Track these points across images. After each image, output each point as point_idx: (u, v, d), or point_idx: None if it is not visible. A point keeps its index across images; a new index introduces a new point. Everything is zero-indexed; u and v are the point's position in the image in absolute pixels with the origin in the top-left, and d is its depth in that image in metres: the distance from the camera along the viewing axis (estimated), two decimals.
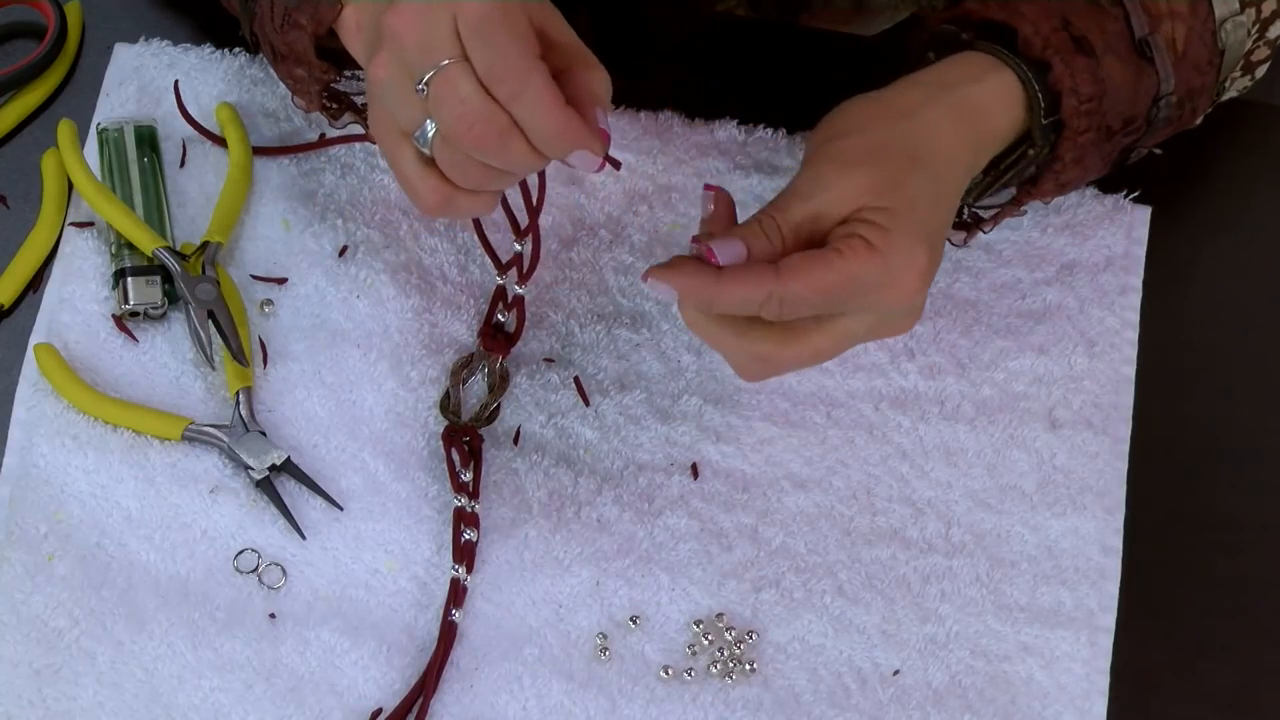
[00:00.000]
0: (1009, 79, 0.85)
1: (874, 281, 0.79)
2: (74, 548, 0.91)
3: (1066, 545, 0.93)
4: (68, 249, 0.98)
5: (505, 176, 0.80)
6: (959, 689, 0.90)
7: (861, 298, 0.79)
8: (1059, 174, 0.88)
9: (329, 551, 0.92)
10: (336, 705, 0.88)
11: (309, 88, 0.91)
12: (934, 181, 0.82)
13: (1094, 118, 0.86)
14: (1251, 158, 1.05)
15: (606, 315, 0.98)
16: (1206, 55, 0.90)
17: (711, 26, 1.06)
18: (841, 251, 0.78)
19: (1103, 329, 0.98)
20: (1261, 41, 0.93)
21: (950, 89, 0.84)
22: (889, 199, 0.79)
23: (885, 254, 0.78)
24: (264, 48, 0.92)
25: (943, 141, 0.83)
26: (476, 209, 0.83)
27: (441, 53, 0.76)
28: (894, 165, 0.80)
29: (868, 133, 0.82)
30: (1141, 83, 0.88)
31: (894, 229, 0.79)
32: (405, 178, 0.82)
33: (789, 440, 0.95)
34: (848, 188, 0.80)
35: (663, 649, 0.90)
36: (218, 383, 0.95)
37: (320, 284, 0.98)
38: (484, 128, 0.76)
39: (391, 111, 0.80)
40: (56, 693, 0.87)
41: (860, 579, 0.92)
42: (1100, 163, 0.90)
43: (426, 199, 0.81)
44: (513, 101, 0.76)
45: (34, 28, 1.04)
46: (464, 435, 0.94)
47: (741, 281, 0.78)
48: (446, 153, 0.79)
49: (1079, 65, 0.85)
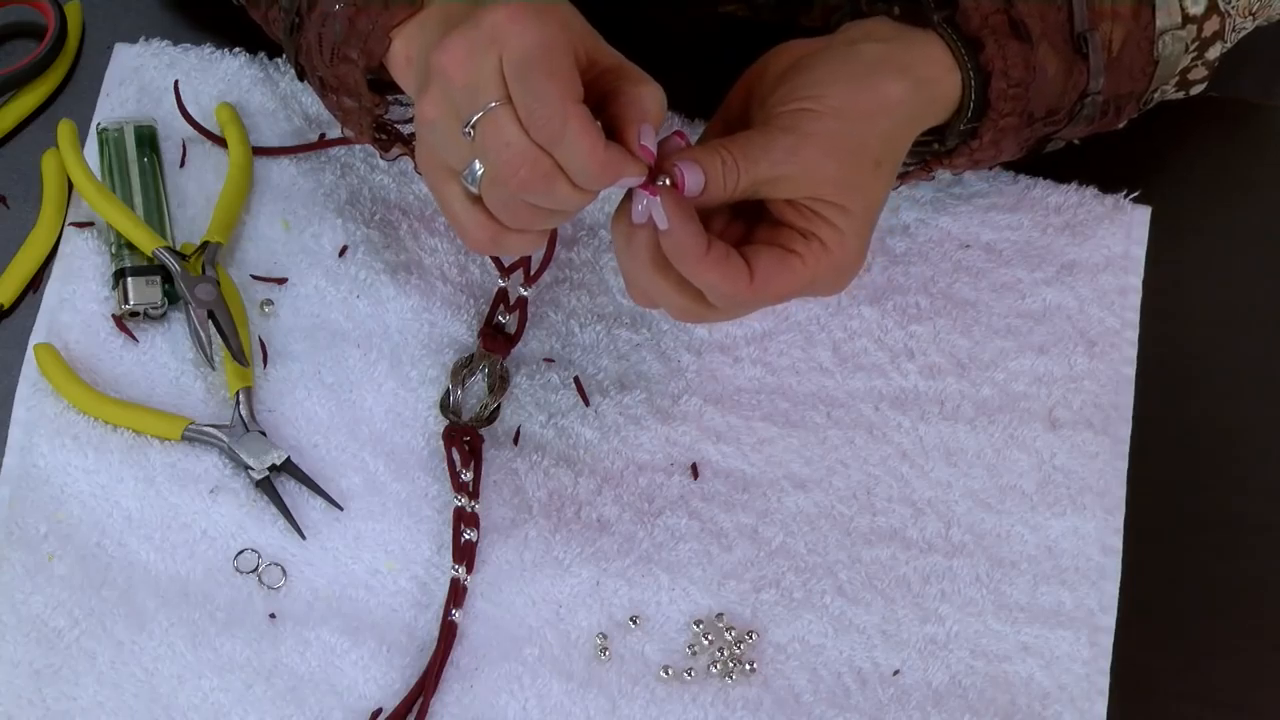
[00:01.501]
0: (944, 53, 0.86)
1: (826, 281, 0.83)
2: (74, 548, 0.91)
3: (1066, 545, 0.93)
4: (68, 249, 0.98)
5: (553, 216, 0.81)
6: (959, 689, 0.90)
7: (807, 292, 0.83)
8: (974, 152, 0.89)
9: (329, 551, 0.92)
10: (336, 705, 0.88)
11: (359, 119, 0.90)
12: (887, 183, 0.85)
13: (1019, 103, 0.87)
14: (1251, 158, 1.05)
15: (606, 315, 0.98)
16: (1141, 62, 0.90)
17: (711, 27, 1.06)
18: (803, 257, 0.81)
19: (1103, 329, 0.98)
20: (1200, 61, 0.93)
21: (930, 84, 0.85)
22: (848, 199, 0.82)
23: (839, 255, 0.82)
24: (311, 79, 0.92)
25: (904, 141, 0.85)
26: (525, 247, 0.83)
27: (488, 95, 0.76)
28: (861, 168, 0.82)
29: (851, 125, 0.82)
30: (1071, 77, 0.88)
31: (848, 231, 0.82)
32: (453, 215, 0.82)
33: (789, 440, 0.95)
34: (819, 175, 0.81)
35: (663, 649, 0.90)
36: (218, 383, 0.95)
37: (320, 284, 0.98)
38: (529, 171, 0.76)
39: (440, 151, 0.80)
40: (56, 693, 0.87)
41: (860, 579, 0.92)
42: (1016, 147, 0.91)
43: (475, 235, 0.82)
44: (553, 145, 0.76)
45: (34, 28, 1.04)
46: (464, 435, 0.94)
47: (720, 270, 0.80)
48: (495, 193, 0.79)
49: (1012, 49, 0.86)
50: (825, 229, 0.81)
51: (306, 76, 0.92)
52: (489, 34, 0.76)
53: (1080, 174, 1.01)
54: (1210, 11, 0.91)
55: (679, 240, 0.79)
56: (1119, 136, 0.98)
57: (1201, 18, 0.91)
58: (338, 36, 0.87)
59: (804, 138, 0.81)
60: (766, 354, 0.97)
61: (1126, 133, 0.97)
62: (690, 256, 0.79)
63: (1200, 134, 0.98)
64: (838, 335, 0.98)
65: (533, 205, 0.79)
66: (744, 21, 1.07)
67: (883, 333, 0.98)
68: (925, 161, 0.91)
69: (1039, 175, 1.01)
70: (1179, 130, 1.02)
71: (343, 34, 0.87)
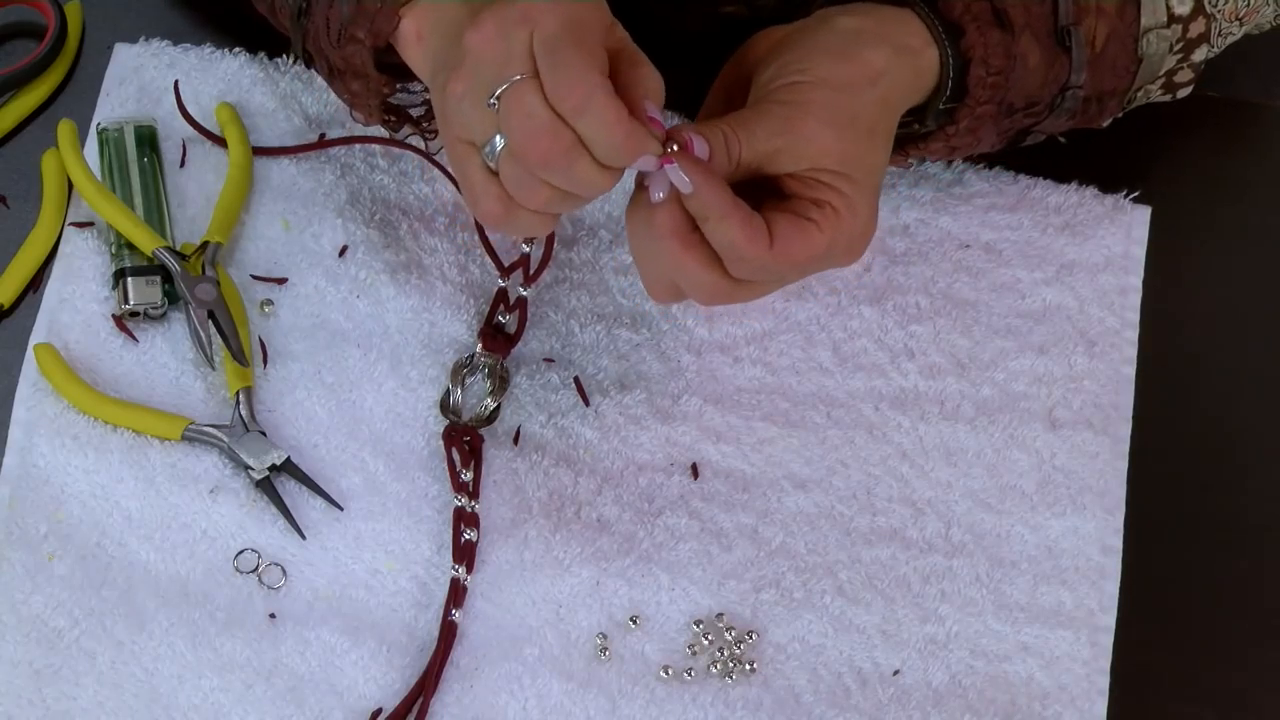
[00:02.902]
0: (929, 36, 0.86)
1: (841, 247, 0.82)
2: (74, 548, 0.91)
3: (1066, 545, 0.93)
4: (68, 249, 0.98)
5: (568, 199, 0.80)
6: (959, 689, 0.90)
7: (826, 261, 0.83)
8: (950, 138, 0.89)
9: (329, 551, 0.92)
10: (336, 705, 0.88)
11: (367, 101, 0.91)
12: (884, 150, 0.85)
13: (997, 91, 0.87)
14: (1251, 158, 1.05)
15: (606, 315, 0.98)
16: (1125, 60, 0.90)
17: (711, 26, 1.06)
18: (819, 223, 0.81)
19: (1103, 329, 0.98)
20: (1186, 63, 0.93)
21: (912, 54, 0.85)
22: (850, 167, 0.82)
23: (851, 222, 0.82)
24: (319, 63, 0.92)
25: (895, 109, 0.86)
26: (535, 228, 0.83)
27: (515, 68, 0.77)
28: (858, 137, 0.83)
29: (841, 94, 0.83)
30: (1052, 70, 0.88)
31: (856, 198, 0.82)
32: (470, 184, 0.82)
33: (789, 440, 0.95)
34: (819, 146, 0.81)
35: (663, 649, 0.90)
36: (218, 383, 0.95)
37: (320, 284, 0.98)
38: (551, 143, 0.77)
39: (464, 124, 0.80)
40: (56, 693, 0.87)
41: (860, 579, 0.92)
42: (995, 137, 0.91)
43: (488, 207, 0.81)
44: (577, 117, 0.76)
45: (34, 28, 1.04)
46: (464, 435, 0.94)
47: (745, 229, 0.80)
48: (511, 169, 0.79)
49: (993, 38, 0.86)
50: (835, 196, 0.81)
51: (314, 63, 0.92)
52: (522, 12, 0.77)
53: (1080, 174, 1.01)
54: (1196, 13, 0.91)
55: (704, 197, 0.79)
56: (1119, 136, 0.98)
57: (1187, 18, 0.90)
58: (345, 17, 0.87)
59: (798, 108, 0.82)
60: (766, 354, 0.97)
61: (1126, 133, 0.98)
62: (717, 209, 0.79)
63: (1200, 134, 0.98)
64: (838, 335, 0.98)
65: (548, 185, 0.79)
66: (745, 21, 1.07)
67: (883, 333, 0.98)
68: (903, 148, 0.91)
69: (1039, 175, 1.01)
70: (1179, 130, 1.02)
71: (350, 14, 0.87)
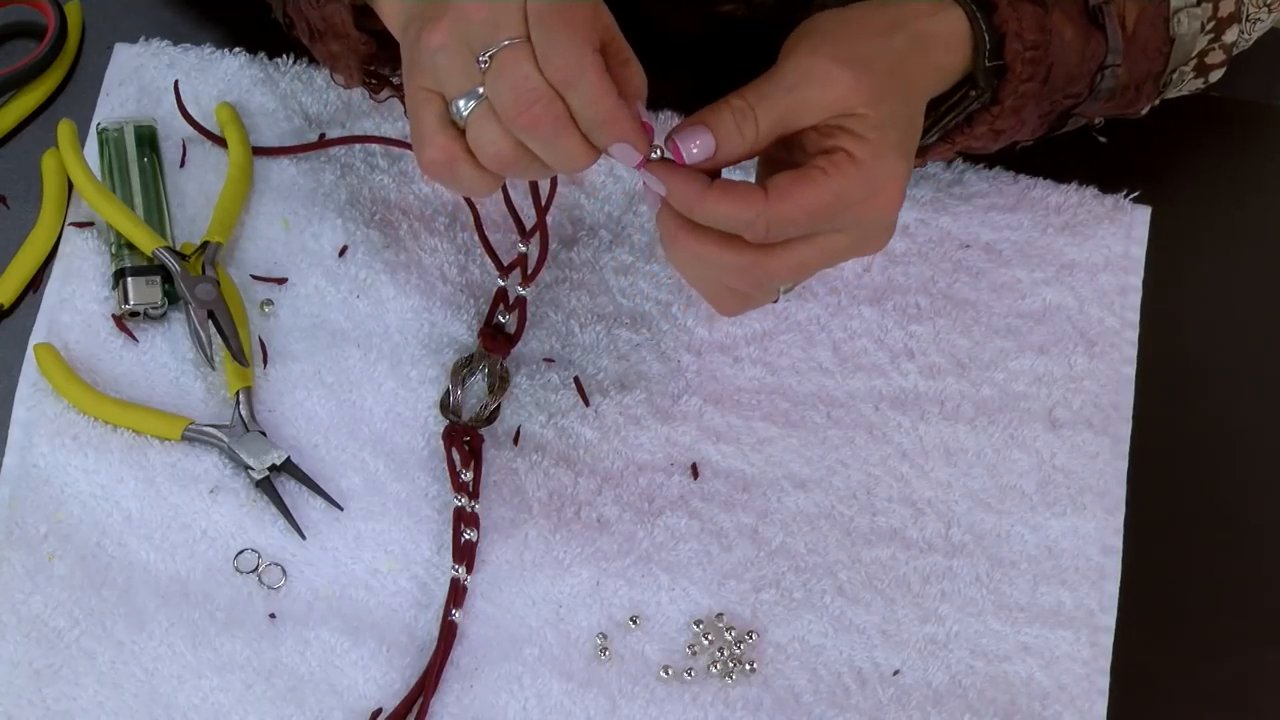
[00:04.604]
0: (957, 14, 0.85)
1: (859, 195, 0.79)
2: (74, 548, 0.91)
3: (1066, 545, 0.93)
4: (68, 249, 0.98)
5: (532, 166, 0.79)
6: (959, 689, 0.90)
7: (846, 213, 0.79)
8: (995, 119, 0.87)
9: (329, 551, 0.92)
10: (336, 705, 0.88)
11: (347, 62, 0.91)
12: (906, 103, 0.82)
13: (1037, 66, 0.86)
14: (1251, 158, 1.05)
15: (606, 315, 0.98)
16: (1156, 41, 0.90)
17: (711, 26, 1.06)
18: (826, 170, 0.78)
19: (1103, 329, 0.98)
20: (1217, 44, 0.92)
21: (907, 22, 0.84)
22: (871, 109, 0.79)
23: (869, 165, 0.79)
24: (299, 26, 0.92)
25: (911, 65, 0.83)
26: (475, 186, 0.81)
27: (507, 31, 0.77)
28: (877, 77, 0.80)
29: (854, 41, 0.81)
30: (1088, 46, 0.88)
31: (876, 140, 0.79)
32: (420, 130, 0.81)
33: (789, 440, 0.95)
34: (836, 87, 0.79)
35: (663, 649, 0.90)
36: (218, 383, 0.95)
37: (320, 284, 0.98)
38: (542, 109, 0.77)
39: (435, 75, 0.79)
40: (56, 693, 0.87)
41: (860, 579, 0.92)
42: (1038, 119, 0.90)
43: (433, 155, 0.80)
44: (567, 88, 0.76)
45: (34, 28, 1.04)
46: (464, 435, 0.94)
47: (730, 197, 0.78)
48: (484, 126, 0.78)
49: (1025, 11, 0.85)
50: (849, 141, 0.79)
51: (295, 27, 0.92)
52: None
53: (1080, 174, 1.01)
54: None
55: (678, 191, 0.79)
56: (1119, 136, 0.98)
57: None
58: None
59: (811, 55, 0.80)
60: (766, 354, 0.97)
61: (1126, 133, 0.98)
62: (691, 197, 0.79)
63: (1200, 134, 0.98)
64: (838, 335, 0.98)
65: (517, 146, 0.78)
66: (744, 21, 1.07)
67: (883, 333, 0.98)
68: (948, 133, 0.90)
69: (1039, 175, 1.01)
70: (1179, 130, 1.02)
71: None
